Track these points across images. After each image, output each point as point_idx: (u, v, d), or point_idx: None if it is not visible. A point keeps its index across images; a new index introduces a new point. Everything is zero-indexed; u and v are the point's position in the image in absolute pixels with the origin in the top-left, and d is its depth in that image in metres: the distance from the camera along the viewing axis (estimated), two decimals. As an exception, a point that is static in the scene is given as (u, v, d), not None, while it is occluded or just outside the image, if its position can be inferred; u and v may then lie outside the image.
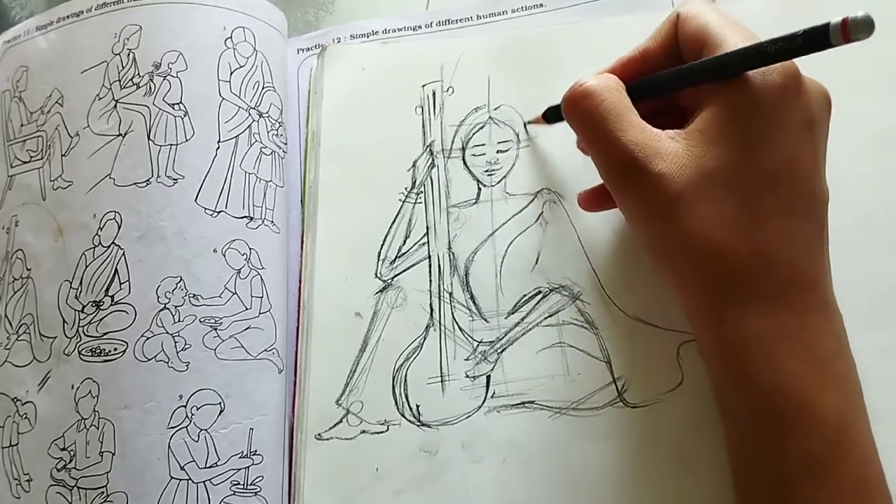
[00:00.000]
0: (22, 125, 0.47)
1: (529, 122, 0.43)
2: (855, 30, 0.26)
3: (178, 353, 0.40)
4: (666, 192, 0.30)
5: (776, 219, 0.30)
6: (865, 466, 0.29)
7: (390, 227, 0.43)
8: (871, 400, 0.35)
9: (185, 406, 0.39)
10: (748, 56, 0.30)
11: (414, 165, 0.44)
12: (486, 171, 0.43)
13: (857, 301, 0.37)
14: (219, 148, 0.43)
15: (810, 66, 0.31)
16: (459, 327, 0.41)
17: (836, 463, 0.28)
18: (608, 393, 0.38)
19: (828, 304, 0.31)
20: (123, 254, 0.41)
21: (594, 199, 0.39)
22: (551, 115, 0.41)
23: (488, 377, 0.40)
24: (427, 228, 0.43)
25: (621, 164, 0.31)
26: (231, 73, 0.44)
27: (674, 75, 0.33)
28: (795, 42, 0.28)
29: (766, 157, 0.30)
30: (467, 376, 0.40)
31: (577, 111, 0.33)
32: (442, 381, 0.40)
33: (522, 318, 0.40)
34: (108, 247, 0.42)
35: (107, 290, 0.41)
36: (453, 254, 0.42)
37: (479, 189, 0.43)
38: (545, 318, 0.40)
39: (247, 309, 0.41)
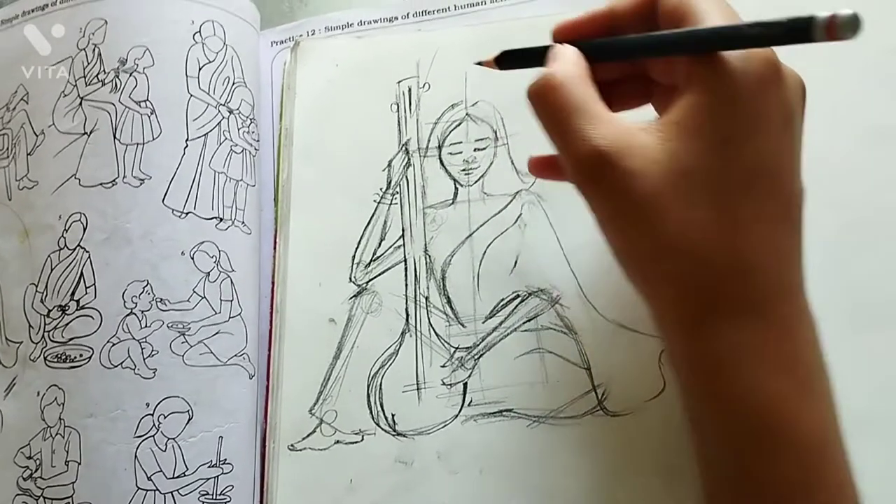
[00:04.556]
0: (-13, 122, 0.46)
1: (479, 63, 0.37)
2: (843, 28, 0.24)
3: (144, 359, 0.38)
4: (637, 191, 0.28)
5: (755, 223, 0.28)
6: (843, 491, 0.28)
7: (365, 230, 0.41)
8: (855, 406, 0.34)
9: (153, 414, 0.38)
10: (723, 34, 0.28)
11: (389, 165, 0.42)
12: (464, 170, 0.42)
13: (846, 304, 0.36)
14: (187, 147, 0.41)
15: (798, 57, 0.30)
16: (436, 333, 0.39)
17: (814, 489, 0.27)
18: (588, 401, 0.37)
19: (804, 311, 0.29)
20: (89, 257, 0.40)
21: (545, 165, 0.36)
22: (504, 60, 0.36)
23: (465, 384, 0.38)
24: (403, 230, 0.41)
25: (588, 160, 0.29)
26: (200, 69, 0.43)
27: (641, 42, 0.31)
28: (776, 30, 0.26)
29: (745, 154, 0.28)
30: (444, 384, 0.39)
31: (542, 106, 0.31)
32: (418, 388, 0.39)
33: (500, 323, 0.39)
34: (74, 249, 0.40)
35: (72, 294, 0.40)
36: (430, 257, 0.41)
37: (457, 189, 0.41)
38: (523, 323, 0.39)
39: (216, 313, 0.40)
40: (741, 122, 0.28)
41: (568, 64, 0.31)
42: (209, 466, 0.38)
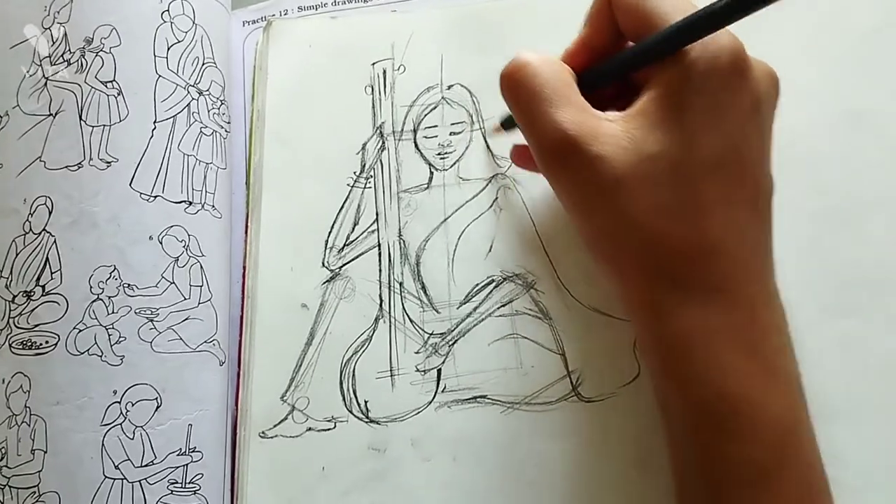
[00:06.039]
0: (-50, 103, 0.44)
1: (489, 136, 0.41)
2: None
3: (111, 346, 0.38)
4: (604, 176, 0.28)
5: (720, 207, 0.28)
6: (809, 472, 0.28)
7: (338, 214, 0.41)
8: (833, 390, 0.34)
9: (120, 402, 0.37)
10: (693, 23, 0.27)
11: (363, 148, 0.42)
12: (439, 154, 0.41)
13: (823, 289, 0.36)
14: (155, 128, 0.40)
15: (774, 39, 0.30)
16: (410, 319, 0.39)
17: (779, 470, 0.27)
18: (562, 387, 0.37)
19: (771, 296, 0.29)
20: (55, 241, 0.39)
21: (528, 156, 0.35)
22: (508, 123, 0.37)
23: (439, 371, 0.38)
24: (377, 215, 0.41)
25: (555, 144, 0.29)
26: (168, 49, 0.41)
27: (617, 63, 0.31)
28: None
29: (709, 142, 0.28)
30: (418, 370, 0.38)
31: (510, 84, 0.31)
32: (391, 375, 0.38)
33: (475, 309, 0.39)
34: (39, 234, 0.39)
35: (38, 279, 0.39)
36: (404, 242, 0.40)
37: (431, 173, 0.41)
38: (498, 308, 0.38)
39: (185, 299, 0.39)
40: (704, 113, 0.28)
41: (545, 54, 0.31)
42: (178, 454, 0.37)
